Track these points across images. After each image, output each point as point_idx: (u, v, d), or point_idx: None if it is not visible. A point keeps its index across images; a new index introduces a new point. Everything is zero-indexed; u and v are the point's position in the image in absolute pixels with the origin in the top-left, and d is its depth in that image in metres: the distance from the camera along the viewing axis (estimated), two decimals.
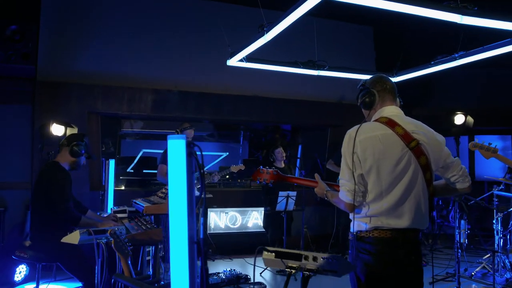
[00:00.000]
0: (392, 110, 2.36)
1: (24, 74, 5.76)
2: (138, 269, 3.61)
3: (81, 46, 6.19)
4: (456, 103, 7.79)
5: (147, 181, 7.32)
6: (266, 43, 3.95)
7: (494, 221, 5.26)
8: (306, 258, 1.62)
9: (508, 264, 5.30)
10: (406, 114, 2.41)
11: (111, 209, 4.39)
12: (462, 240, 4.55)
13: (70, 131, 5.69)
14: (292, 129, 9.52)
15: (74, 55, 6.16)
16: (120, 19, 6.41)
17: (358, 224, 2.27)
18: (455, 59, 4.49)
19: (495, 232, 5.36)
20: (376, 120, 2.33)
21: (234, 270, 5.28)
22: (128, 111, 6.46)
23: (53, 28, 6.06)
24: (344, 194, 2.24)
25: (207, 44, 6.60)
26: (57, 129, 5.52)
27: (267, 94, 7.21)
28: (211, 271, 5.47)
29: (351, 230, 2.32)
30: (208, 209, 6.90)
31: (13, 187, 5.84)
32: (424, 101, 8.08)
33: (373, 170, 2.19)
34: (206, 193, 6.67)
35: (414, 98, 8.07)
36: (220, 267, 5.70)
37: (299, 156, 9.15)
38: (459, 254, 4.45)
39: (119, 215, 3.78)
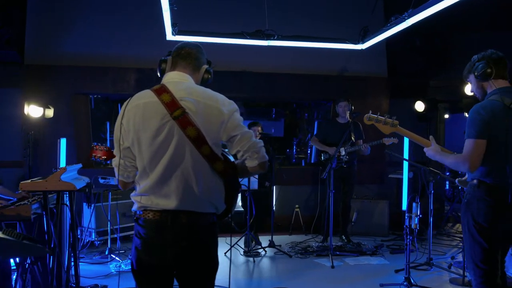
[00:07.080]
0: (172, 76, 2.10)
1: (9, 59, 6.09)
2: None
3: (66, 29, 6.38)
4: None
5: None
6: None
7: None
8: None
9: None
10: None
11: None
12: (413, 226, 4.01)
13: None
14: (298, 105, 9.13)
15: (60, 38, 6.38)
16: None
17: (134, 203, 2.08)
18: (404, 19, 3.93)
19: None
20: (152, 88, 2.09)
21: None
22: (113, 91, 6.59)
23: (40, 13, 6.30)
24: (114, 170, 2.07)
25: (189, 20, 6.46)
26: (35, 111, 5.80)
27: (258, 69, 6.91)
28: None
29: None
30: None
31: (8, 166, 6.28)
32: (442, 71, 7.21)
33: (135, 143, 1.99)
34: None
35: (430, 68, 7.25)
36: None
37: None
38: (409, 240, 3.95)
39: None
